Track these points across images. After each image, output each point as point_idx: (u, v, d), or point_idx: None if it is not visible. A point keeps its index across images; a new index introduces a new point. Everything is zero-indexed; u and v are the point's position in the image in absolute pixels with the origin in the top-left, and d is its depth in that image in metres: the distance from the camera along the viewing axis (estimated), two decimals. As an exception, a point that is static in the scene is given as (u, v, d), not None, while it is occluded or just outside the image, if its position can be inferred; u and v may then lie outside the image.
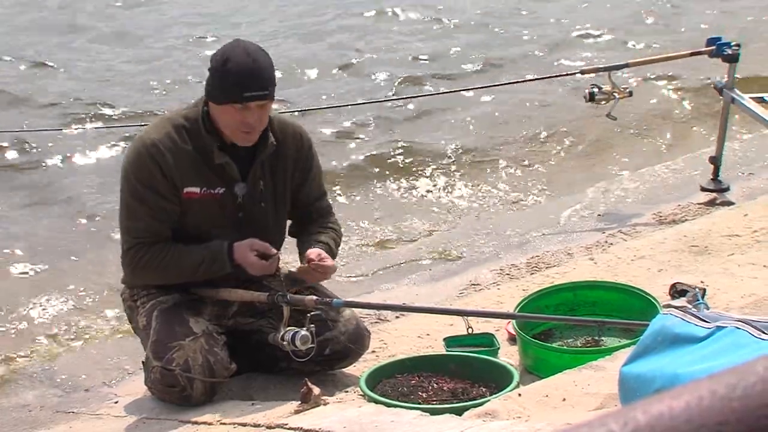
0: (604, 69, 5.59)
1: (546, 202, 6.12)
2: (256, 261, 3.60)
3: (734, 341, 2.27)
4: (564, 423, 2.57)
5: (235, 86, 3.49)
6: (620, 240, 5.07)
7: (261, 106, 3.53)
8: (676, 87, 7.95)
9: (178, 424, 3.47)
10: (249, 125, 3.54)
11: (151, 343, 3.63)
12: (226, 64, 3.51)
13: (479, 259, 5.26)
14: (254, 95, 3.49)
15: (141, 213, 3.63)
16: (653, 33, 9.44)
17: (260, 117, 3.56)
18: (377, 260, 5.42)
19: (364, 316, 4.24)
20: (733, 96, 5.50)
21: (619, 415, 0.60)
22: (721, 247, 4.52)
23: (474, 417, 2.83)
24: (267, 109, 3.58)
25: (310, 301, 3.57)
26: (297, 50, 9.15)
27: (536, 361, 3.61)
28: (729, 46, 5.49)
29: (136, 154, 3.62)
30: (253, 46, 3.59)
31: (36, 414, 4.00)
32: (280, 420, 3.12)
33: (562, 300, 3.91)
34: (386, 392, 3.36)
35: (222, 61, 3.53)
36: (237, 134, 3.57)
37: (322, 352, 3.66)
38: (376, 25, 10.01)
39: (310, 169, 3.84)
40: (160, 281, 3.70)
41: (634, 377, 2.38)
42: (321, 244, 3.73)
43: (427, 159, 6.81)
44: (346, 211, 6.00)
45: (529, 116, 7.51)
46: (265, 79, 3.52)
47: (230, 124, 3.55)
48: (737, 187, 5.77)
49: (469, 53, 8.94)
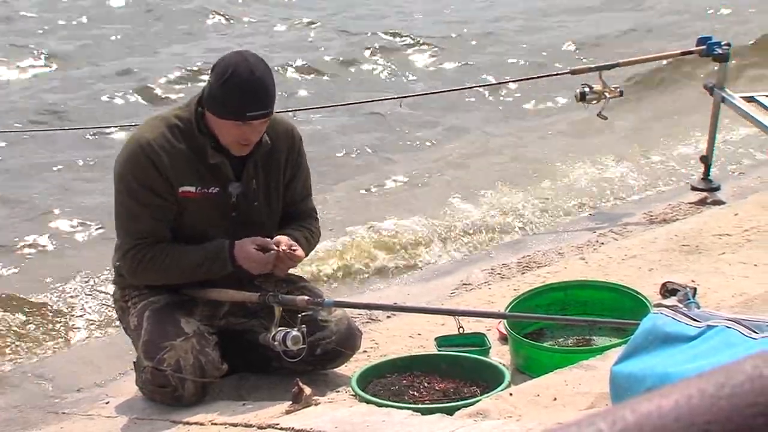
0: (594, 69, 5.59)
1: (538, 202, 6.11)
2: (256, 253, 3.58)
3: (725, 340, 2.27)
4: (555, 422, 2.57)
5: (237, 105, 3.46)
6: (611, 239, 5.08)
7: (262, 122, 3.54)
8: (668, 85, 7.96)
9: (169, 424, 3.47)
10: (248, 140, 3.54)
11: (142, 343, 3.62)
12: (229, 81, 3.46)
13: (470, 259, 5.26)
14: (257, 114, 3.48)
15: (140, 213, 3.61)
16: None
17: (260, 130, 3.57)
18: (369, 259, 5.41)
19: (356, 315, 4.24)
20: (723, 95, 5.52)
21: (608, 414, 0.60)
22: (712, 246, 4.53)
23: (465, 417, 2.83)
24: (267, 123, 3.58)
25: (302, 301, 3.56)
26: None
27: (527, 360, 3.61)
28: (719, 46, 5.50)
29: (131, 154, 3.61)
30: (256, 60, 3.53)
31: (27, 415, 3.99)
32: (272, 420, 3.12)
33: (553, 299, 3.91)
34: (377, 392, 3.36)
35: (225, 76, 3.47)
36: (234, 146, 3.57)
37: (313, 352, 3.66)
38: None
39: (300, 166, 3.83)
40: (161, 282, 3.69)
41: (625, 376, 2.39)
42: (291, 235, 3.69)
43: (420, 158, 6.82)
44: (336, 209, 6.00)
45: (521, 115, 7.52)
46: (268, 97, 3.50)
47: (228, 137, 3.55)
48: (728, 186, 5.78)
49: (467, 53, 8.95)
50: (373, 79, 8.53)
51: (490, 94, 7.79)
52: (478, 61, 8.77)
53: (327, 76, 8.58)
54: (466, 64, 8.74)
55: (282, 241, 3.62)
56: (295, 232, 3.74)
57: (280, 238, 3.63)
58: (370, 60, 8.99)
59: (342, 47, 9.34)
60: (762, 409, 0.59)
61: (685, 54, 5.85)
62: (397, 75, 8.57)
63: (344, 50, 9.23)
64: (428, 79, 8.41)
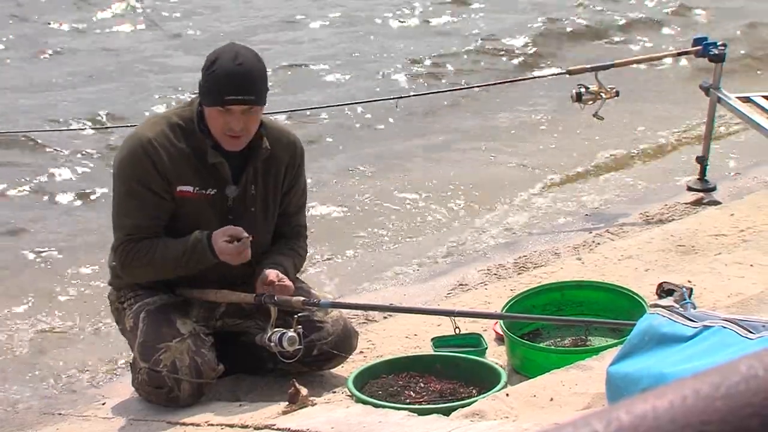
0: (590, 69, 5.59)
1: (533, 201, 6.12)
2: (224, 245, 3.54)
3: (721, 340, 2.28)
4: (551, 423, 2.57)
5: (217, 90, 3.48)
6: (607, 240, 5.08)
7: (245, 112, 3.51)
8: (664, 85, 7.97)
9: (165, 425, 3.47)
10: (232, 130, 3.52)
11: (137, 344, 3.62)
12: (212, 67, 3.52)
13: (467, 259, 5.26)
14: (235, 99, 3.47)
15: (134, 210, 3.62)
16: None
17: (246, 123, 3.53)
18: (365, 260, 5.41)
19: (352, 316, 4.24)
20: (719, 96, 5.52)
21: (603, 414, 0.60)
22: (708, 247, 4.53)
23: (462, 417, 2.83)
24: (255, 116, 3.56)
25: (297, 302, 3.56)
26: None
27: (524, 361, 3.61)
28: (715, 46, 5.51)
29: (131, 151, 3.61)
30: (245, 51, 3.58)
31: (23, 415, 3.98)
32: (268, 421, 3.12)
33: (549, 300, 3.92)
34: (374, 393, 3.36)
35: (210, 64, 3.54)
36: (223, 138, 3.56)
37: (309, 353, 3.66)
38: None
39: (299, 178, 3.83)
40: (149, 276, 3.69)
41: (621, 377, 2.39)
42: (280, 267, 3.66)
43: (415, 157, 6.81)
44: (332, 211, 6.00)
45: (516, 115, 7.52)
46: (250, 84, 3.49)
47: (215, 126, 3.55)
48: (724, 186, 5.79)
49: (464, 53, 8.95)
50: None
51: (485, 93, 7.78)
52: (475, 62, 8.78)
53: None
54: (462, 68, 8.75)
55: (270, 275, 3.59)
56: (285, 260, 3.72)
57: (269, 272, 3.60)
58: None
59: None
60: (757, 409, 0.59)
61: (681, 54, 5.86)
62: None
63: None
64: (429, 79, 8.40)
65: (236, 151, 3.63)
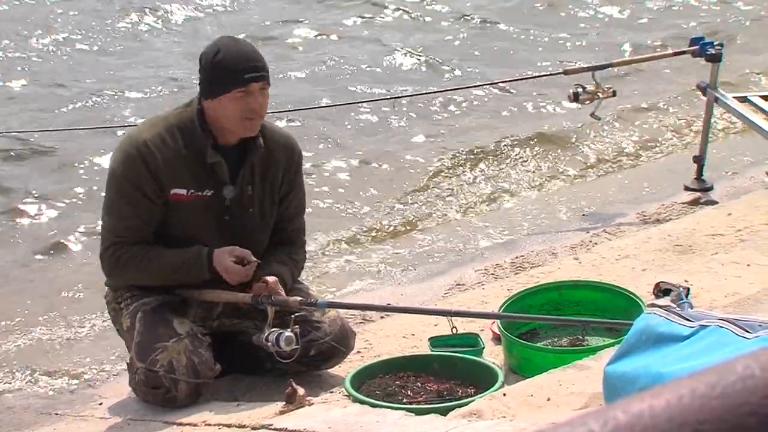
0: (587, 69, 5.60)
1: (531, 201, 6.12)
2: (232, 265, 3.57)
3: (718, 340, 2.28)
4: (548, 422, 2.57)
5: (233, 72, 3.53)
6: (605, 239, 5.08)
7: (262, 90, 3.58)
8: (661, 84, 7.97)
9: (163, 425, 3.46)
10: (253, 111, 3.56)
11: (134, 344, 3.62)
12: (216, 56, 3.56)
13: (464, 259, 5.26)
14: (255, 76, 3.54)
15: (124, 212, 3.62)
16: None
17: (262, 102, 3.59)
18: (362, 260, 5.41)
19: (349, 316, 4.24)
20: (716, 95, 5.52)
21: (600, 414, 0.60)
22: (705, 246, 4.53)
23: (459, 417, 2.83)
24: (267, 95, 3.62)
25: (295, 302, 3.56)
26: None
27: (521, 360, 3.61)
28: (712, 46, 5.51)
29: (125, 153, 3.61)
30: (238, 38, 3.76)
31: (20, 416, 3.98)
32: (266, 421, 3.12)
33: (546, 300, 3.92)
34: (371, 392, 3.36)
35: (214, 54, 3.58)
36: (241, 123, 3.57)
37: (306, 352, 3.65)
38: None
39: (297, 181, 3.83)
40: (137, 281, 3.69)
41: (618, 376, 2.39)
42: (279, 278, 3.63)
43: (411, 157, 6.81)
44: (329, 211, 6.00)
45: (514, 114, 7.52)
46: (261, 61, 3.61)
47: (232, 114, 3.55)
48: (721, 186, 5.79)
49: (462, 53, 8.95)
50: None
51: (482, 94, 7.79)
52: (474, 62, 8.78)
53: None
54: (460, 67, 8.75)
55: (269, 282, 3.60)
56: (283, 270, 3.71)
57: (267, 279, 3.61)
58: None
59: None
60: (753, 408, 0.59)
61: (678, 54, 5.86)
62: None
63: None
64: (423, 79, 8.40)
65: (233, 151, 3.63)
